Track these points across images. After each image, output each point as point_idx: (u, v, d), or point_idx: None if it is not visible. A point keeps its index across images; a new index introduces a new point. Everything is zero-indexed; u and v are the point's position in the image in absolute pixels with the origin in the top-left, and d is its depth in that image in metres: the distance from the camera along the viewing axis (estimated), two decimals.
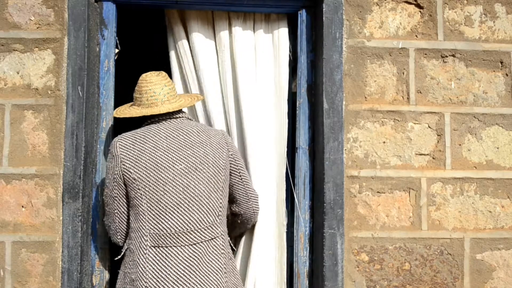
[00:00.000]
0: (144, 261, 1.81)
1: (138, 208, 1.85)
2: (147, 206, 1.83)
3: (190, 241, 1.83)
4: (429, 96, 2.18)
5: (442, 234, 2.15)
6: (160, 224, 1.82)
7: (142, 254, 1.82)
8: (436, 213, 2.15)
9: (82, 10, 2.06)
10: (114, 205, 1.91)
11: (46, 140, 2.05)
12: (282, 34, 2.28)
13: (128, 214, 1.92)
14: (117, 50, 2.19)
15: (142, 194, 1.84)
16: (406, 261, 2.13)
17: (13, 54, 2.07)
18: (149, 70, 2.03)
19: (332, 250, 2.07)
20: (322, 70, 2.12)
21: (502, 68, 2.21)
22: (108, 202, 1.93)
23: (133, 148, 1.86)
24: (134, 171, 1.84)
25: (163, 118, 1.93)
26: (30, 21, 2.08)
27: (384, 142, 2.16)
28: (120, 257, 1.92)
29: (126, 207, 1.91)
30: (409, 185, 2.15)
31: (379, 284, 2.11)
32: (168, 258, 1.81)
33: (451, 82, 2.19)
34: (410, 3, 2.20)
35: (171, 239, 1.82)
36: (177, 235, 1.82)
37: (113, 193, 1.90)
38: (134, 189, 1.85)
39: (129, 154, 1.85)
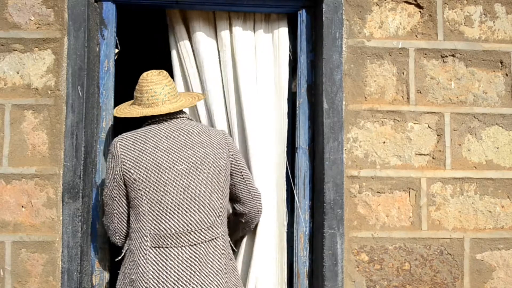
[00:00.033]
0: (144, 261, 1.81)
1: (138, 208, 1.85)
2: (148, 207, 1.83)
3: (190, 241, 1.83)
4: (429, 96, 2.18)
5: (442, 234, 2.15)
6: (160, 224, 1.82)
7: (142, 254, 1.82)
8: (436, 213, 2.15)
9: (82, 10, 2.06)
10: (113, 205, 1.91)
11: (46, 140, 2.05)
12: (282, 34, 2.28)
13: (127, 214, 1.92)
14: (117, 50, 2.19)
15: (142, 195, 1.83)
16: (406, 261, 2.13)
17: (13, 54, 2.07)
18: (150, 70, 2.02)
19: (332, 250, 2.07)
20: (322, 70, 2.12)
21: (502, 68, 2.21)
22: (107, 202, 1.93)
23: (133, 148, 1.86)
24: (135, 172, 1.84)
25: (164, 118, 1.93)
26: (30, 21, 2.08)
27: (384, 142, 2.16)
28: (120, 258, 1.92)
29: (125, 208, 1.91)
30: (409, 185, 2.15)
31: (379, 284, 2.11)
32: (168, 259, 1.81)
33: (451, 82, 2.19)
34: (410, 3, 2.20)
35: (172, 240, 1.82)
36: (177, 236, 1.82)
37: (113, 193, 1.89)
38: (135, 189, 1.84)
39: (129, 155, 1.85)
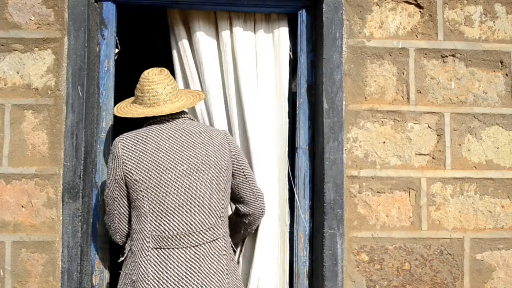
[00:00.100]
0: (145, 263, 1.80)
1: (140, 209, 1.84)
2: (149, 208, 1.83)
3: (191, 243, 1.82)
4: (429, 96, 2.18)
5: (442, 234, 2.15)
6: (161, 226, 1.82)
7: (143, 256, 1.81)
8: (436, 213, 2.15)
9: (82, 10, 2.06)
10: (114, 205, 1.91)
11: (46, 140, 2.05)
12: (282, 34, 2.28)
13: (128, 215, 1.91)
14: (117, 50, 2.19)
15: (143, 196, 1.83)
16: (406, 261, 2.13)
17: (13, 54, 2.07)
18: (151, 68, 2.00)
19: (332, 250, 2.07)
20: (322, 70, 2.12)
21: (502, 68, 2.21)
22: (108, 203, 1.92)
23: (134, 149, 1.85)
24: (136, 173, 1.83)
25: (165, 118, 1.92)
26: (30, 21, 2.08)
27: (384, 142, 2.16)
28: (123, 258, 1.91)
29: (126, 208, 1.91)
30: (409, 185, 2.15)
31: (379, 284, 2.11)
32: (169, 260, 1.80)
33: (451, 82, 2.19)
34: (410, 3, 2.20)
35: (173, 241, 1.81)
36: (178, 237, 1.81)
37: (113, 194, 1.89)
38: (136, 190, 1.84)
39: (130, 155, 1.84)
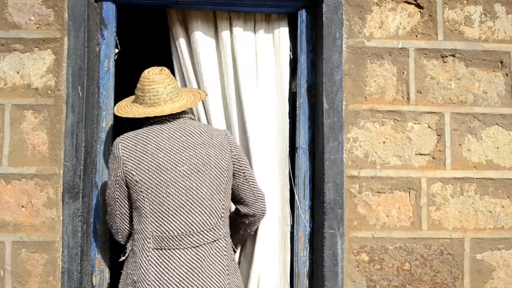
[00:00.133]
0: (146, 263, 1.80)
1: (140, 210, 1.84)
2: (150, 208, 1.82)
3: (192, 243, 1.82)
4: (429, 96, 2.18)
5: (442, 234, 2.15)
6: (162, 226, 1.81)
7: (144, 256, 1.81)
8: (436, 213, 2.15)
9: (82, 10, 2.06)
10: (115, 206, 1.91)
11: (46, 140, 2.05)
12: (282, 34, 2.28)
13: (130, 215, 1.91)
14: (117, 50, 2.19)
15: (144, 196, 1.83)
16: (406, 261, 2.13)
17: (13, 54, 2.07)
18: (151, 67, 1.99)
19: (332, 250, 2.06)
20: (322, 70, 2.12)
21: (502, 68, 2.21)
22: (110, 203, 1.93)
23: (135, 149, 1.85)
24: (136, 173, 1.83)
25: (166, 118, 1.91)
26: (30, 21, 2.08)
27: (384, 142, 2.16)
28: (124, 258, 1.91)
29: (128, 209, 1.91)
30: (409, 185, 2.15)
31: (379, 284, 2.11)
32: (170, 261, 1.80)
33: (451, 82, 2.19)
34: (410, 3, 2.20)
35: (174, 242, 1.81)
36: (179, 238, 1.81)
37: (114, 194, 1.89)
38: (137, 191, 1.84)
39: (131, 156, 1.84)
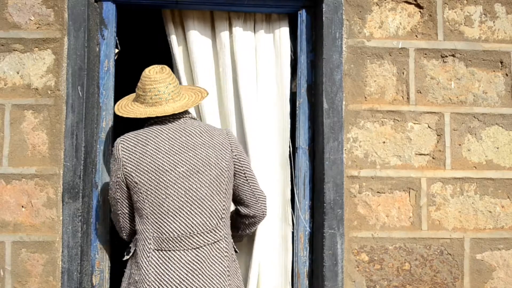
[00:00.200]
0: (147, 264, 1.80)
1: (141, 211, 1.84)
2: (150, 210, 1.82)
3: (192, 244, 1.81)
4: (429, 96, 2.18)
5: (442, 234, 2.14)
6: (162, 227, 1.81)
7: (145, 257, 1.81)
8: (436, 213, 2.15)
9: (82, 10, 2.06)
10: (117, 206, 1.92)
11: (46, 140, 2.05)
12: (283, 34, 2.28)
13: (132, 214, 1.91)
14: (117, 50, 2.19)
15: (144, 198, 1.83)
16: (406, 261, 2.13)
17: (13, 54, 2.07)
18: (152, 66, 1.97)
19: (332, 250, 2.06)
20: (322, 70, 2.12)
21: (502, 68, 2.21)
22: (112, 203, 1.94)
23: (134, 150, 1.84)
24: (136, 175, 1.82)
25: (166, 118, 1.90)
26: (30, 21, 2.08)
27: (384, 142, 2.16)
28: (128, 257, 1.91)
29: (129, 209, 1.91)
30: (409, 185, 2.15)
31: (379, 284, 2.11)
32: (170, 262, 1.80)
33: (451, 82, 2.19)
34: (410, 3, 2.20)
35: (174, 243, 1.81)
36: (179, 239, 1.81)
37: (116, 195, 1.89)
38: (137, 192, 1.83)
39: (130, 157, 1.84)
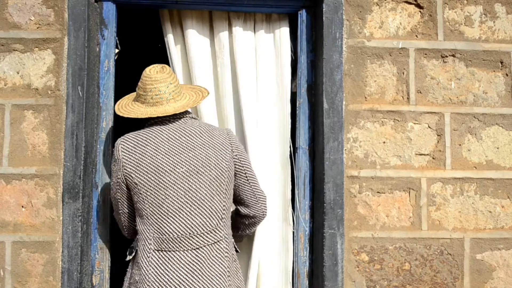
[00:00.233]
0: (147, 264, 1.80)
1: (141, 211, 1.84)
2: (150, 210, 1.82)
3: (192, 245, 1.81)
4: (429, 96, 2.18)
5: (442, 234, 2.14)
6: (162, 228, 1.81)
7: (146, 257, 1.81)
8: (436, 213, 2.15)
9: (82, 10, 2.06)
10: (118, 206, 1.93)
11: (46, 140, 2.05)
12: (283, 34, 2.28)
13: (133, 214, 1.92)
14: (117, 50, 2.19)
15: (144, 198, 1.83)
16: (406, 261, 2.13)
17: (13, 54, 2.07)
18: (152, 65, 1.96)
19: (332, 250, 2.06)
20: (322, 70, 2.12)
21: (502, 68, 2.21)
22: (113, 203, 1.95)
23: (134, 151, 1.84)
24: (136, 176, 1.83)
25: (167, 118, 1.90)
26: (30, 21, 2.08)
27: (384, 142, 2.16)
28: (130, 257, 1.91)
29: (130, 209, 1.92)
30: (409, 185, 2.15)
31: (379, 284, 2.11)
32: (170, 263, 1.80)
33: (451, 82, 2.19)
34: (410, 3, 2.20)
35: (174, 244, 1.81)
36: (179, 240, 1.81)
37: (116, 195, 1.90)
38: (137, 193, 1.84)
39: (130, 158, 1.84)
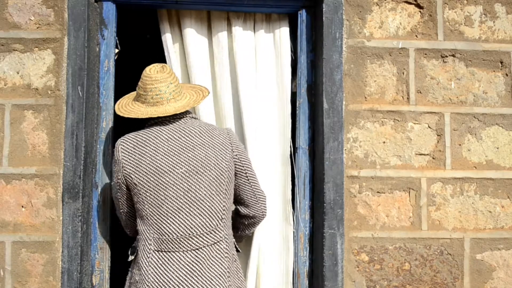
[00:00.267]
0: (147, 265, 1.80)
1: (141, 212, 1.84)
2: (150, 211, 1.82)
3: (192, 246, 1.81)
4: (429, 96, 2.18)
5: (442, 234, 2.14)
6: (162, 229, 1.81)
7: (146, 257, 1.81)
8: (436, 213, 2.15)
9: (82, 10, 2.06)
10: (119, 205, 1.94)
11: (46, 140, 2.05)
12: (283, 34, 2.27)
13: (134, 213, 1.92)
14: (117, 50, 2.19)
15: (144, 199, 1.83)
16: (406, 261, 2.13)
17: (13, 54, 2.07)
18: (152, 64, 1.95)
19: (332, 250, 2.06)
20: (322, 70, 2.12)
21: (502, 68, 2.21)
22: (115, 202, 1.97)
23: (134, 152, 1.84)
24: (135, 176, 1.83)
25: (167, 118, 1.89)
26: (30, 21, 2.08)
27: (384, 142, 2.16)
28: (132, 257, 1.91)
29: (131, 208, 1.93)
30: (409, 185, 2.15)
31: (379, 284, 2.11)
32: (170, 263, 1.79)
33: (451, 82, 2.19)
34: (410, 3, 2.20)
35: (173, 244, 1.81)
36: (178, 240, 1.81)
37: (117, 195, 1.91)
38: (137, 194, 1.84)
39: (130, 159, 1.84)
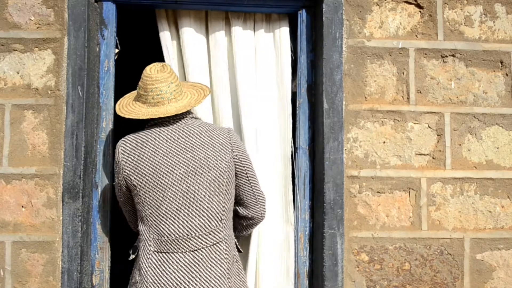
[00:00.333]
0: (146, 265, 1.80)
1: (141, 212, 1.85)
2: (149, 212, 1.82)
3: (191, 247, 1.80)
4: (429, 96, 2.18)
5: (442, 234, 2.15)
6: (161, 230, 1.81)
7: (145, 258, 1.82)
8: (436, 213, 2.15)
9: (82, 10, 2.06)
10: (121, 204, 1.97)
11: (46, 140, 2.05)
12: (283, 34, 2.27)
13: (136, 212, 1.93)
14: (117, 50, 2.19)
15: (143, 200, 1.83)
16: (406, 261, 2.13)
17: (13, 54, 2.07)
18: (153, 64, 1.94)
19: (332, 250, 2.06)
20: (322, 70, 2.12)
21: (502, 68, 2.21)
22: (118, 200, 1.98)
23: (133, 153, 1.84)
24: (135, 178, 1.83)
25: (167, 119, 1.88)
26: (30, 21, 2.08)
27: (384, 142, 2.16)
28: (134, 256, 1.91)
29: (133, 207, 1.94)
30: (409, 185, 2.15)
31: (379, 284, 2.11)
32: (169, 264, 1.79)
33: (451, 82, 2.19)
34: (410, 3, 2.20)
35: (173, 245, 1.80)
36: (178, 241, 1.80)
37: (119, 195, 1.93)
38: (136, 195, 1.84)
39: (129, 160, 1.84)
